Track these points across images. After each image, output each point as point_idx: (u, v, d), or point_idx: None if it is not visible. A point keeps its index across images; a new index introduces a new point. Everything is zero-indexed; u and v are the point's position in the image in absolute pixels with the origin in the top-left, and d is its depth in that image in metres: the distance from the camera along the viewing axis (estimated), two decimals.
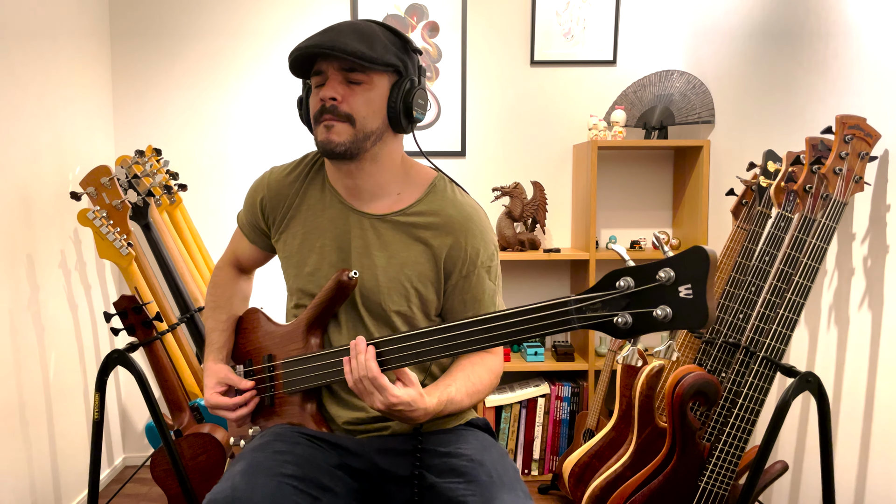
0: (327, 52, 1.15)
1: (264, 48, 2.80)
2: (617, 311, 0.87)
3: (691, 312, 0.81)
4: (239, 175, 2.84)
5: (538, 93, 2.88)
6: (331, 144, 1.19)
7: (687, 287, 0.81)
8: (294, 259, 1.31)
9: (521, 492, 1.14)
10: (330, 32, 1.18)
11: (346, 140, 1.19)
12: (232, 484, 1.07)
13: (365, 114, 1.20)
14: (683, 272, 0.82)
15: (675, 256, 0.83)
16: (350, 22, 1.21)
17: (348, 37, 1.16)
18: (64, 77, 2.41)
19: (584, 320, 0.90)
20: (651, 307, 0.84)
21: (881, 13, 1.73)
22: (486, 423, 1.36)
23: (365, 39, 1.18)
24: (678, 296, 0.82)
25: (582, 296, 0.90)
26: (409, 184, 1.30)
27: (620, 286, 0.86)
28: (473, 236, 1.26)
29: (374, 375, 1.07)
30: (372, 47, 1.17)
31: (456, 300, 1.28)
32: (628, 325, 0.86)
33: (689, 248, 0.82)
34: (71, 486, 2.42)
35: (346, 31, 1.18)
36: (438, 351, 1.06)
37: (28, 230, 2.17)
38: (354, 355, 1.10)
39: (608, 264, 2.91)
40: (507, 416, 2.71)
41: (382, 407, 1.08)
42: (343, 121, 1.19)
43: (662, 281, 0.83)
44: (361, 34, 1.18)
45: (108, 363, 1.86)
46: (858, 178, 1.70)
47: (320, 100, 1.20)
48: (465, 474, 1.16)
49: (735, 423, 1.73)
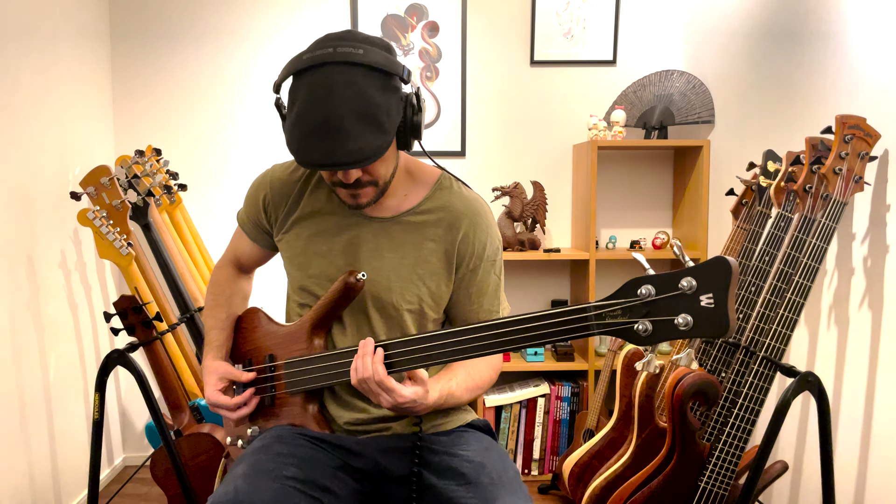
0: (348, 167, 1.07)
1: (264, 48, 2.80)
2: (637, 318, 0.87)
3: (712, 321, 0.82)
4: (239, 175, 2.84)
5: (538, 93, 2.88)
6: (360, 206, 1.21)
7: (708, 296, 0.82)
8: (298, 260, 1.31)
9: (521, 494, 1.14)
10: (334, 131, 1.04)
11: (373, 197, 1.21)
12: (234, 486, 1.07)
13: (385, 171, 1.19)
14: (705, 281, 0.83)
15: (698, 266, 0.84)
16: (344, 91, 1.05)
17: (356, 131, 1.05)
18: (64, 77, 2.40)
19: (603, 327, 0.90)
20: (672, 315, 0.85)
21: (881, 13, 1.73)
22: (486, 425, 1.36)
23: (372, 121, 1.06)
24: (699, 305, 0.83)
25: (602, 302, 0.90)
26: (415, 184, 1.30)
27: (642, 294, 0.87)
28: (481, 230, 1.28)
29: (380, 379, 1.07)
30: (381, 127, 1.07)
31: (461, 293, 1.30)
32: (648, 333, 0.87)
33: (712, 257, 0.83)
34: (71, 486, 2.42)
35: (351, 121, 1.04)
36: (450, 355, 1.06)
37: (28, 230, 2.17)
38: (361, 355, 1.10)
39: (608, 264, 2.91)
40: (507, 415, 2.71)
41: (388, 406, 1.08)
42: (367, 186, 1.18)
43: (684, 290, 0.84)
44: (366, 115, 1.06)
45: (108, 363, 1.86)
46: (858, 178, 1.70)
47: (339, 178, 1.15)
48: (465, 476, 1.17)
49: (735, 423, 1.73)
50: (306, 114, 1.06)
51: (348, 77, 1.06)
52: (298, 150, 1.08)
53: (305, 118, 1.06)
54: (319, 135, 1.05)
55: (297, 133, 1.07)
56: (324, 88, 1.05)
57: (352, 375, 1.10)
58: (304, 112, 1.07)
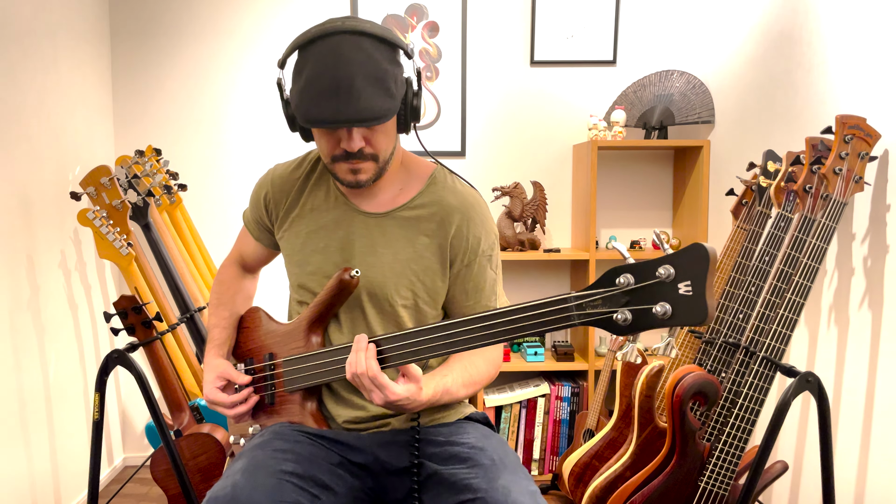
0: (357, 124, 1.09)
1: (264, 48, 2.80)
2: (617, 307, 0.86)
3: (691, 309, 0.81)
4: (239, 175, 2.84)
5: (538, 93, 2.88)
6: (359, 184, 1.20)
7: (686, 284, 0.81)
8: (296, 258, 1.31)
9: (522, 474, 1.14)
10: (345, 90, 1.07)
11: (372, 175, 1.20)
12: (233, 482, 1.07)
13: (386, 146, 1.19)
14: (683, 269, 0.82)
15: (675, 253, 0.83)
16: (354, 56, 1.08)
17: (366, 92, 1.07)
18: (64, 77, 2.41)
19: (584, 317, 0.90)
20: (650, 304, 0.84)
21: (881, 13, 1.73)
22: (485, 417, 1.36)
23: (381, 84, 1.09)
24: (678, 292, 0.82)
25: (582, 292, 0.90)
26: (410, 178, 1.30)
27: (620, 283, 0.86)
28: (475, 224, 1.27)
29: (373, 374, 1.07)
30: (389, 91, 1.10)
31: (457, 289, 1.29)
32: (628, 322, 0.86)
33: (689, 244, 0.82)
34: (71, 486, 2.42)
35: (361, 82, 1.07)
36: (439, 348, 1.06)
37: (28, 230, 2.17)
38: (356, 350, 1.10)
39: (608, 264, 2.91)
40: (507, 415, 2.71)
41: (381, 403, 1.08)
42: (368, 160, 1.18)
43: (662, 278, 0.82)
44: (375, 78, 1.08)
45: (108, 363, 1.86)
46: (858, 178, 1.70)
47: (342, 148, 1.16)
48: (467, 460, 1.17)
49: (735, 423, 1.73)
50: (316, 76, 1.08)
51: (357, 44, 1.09)
52: (308, 110, 1.10)
53: (315, 80, 1.08)
54: (329, 94, 1.07)
55: (307, 95, 1.10)
56: (333, 54, 1.08)
57: (347, 370, 1.11)
58: (313, 76, 1.09)
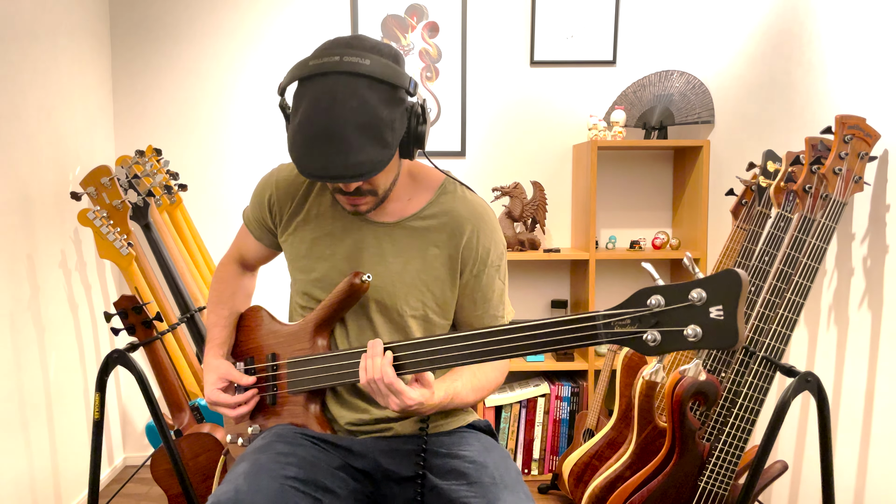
0: (347, 180, 1.07)
1: (265, 48, 2.80)
2: (646, 328, 0.88)
3: (721, 333, 0.83)
4: (239, 175, 2.84)
5: (538, 93, 2.88)
6: (360, 213, 1.23)
7: (718, 308, 0.83)
8: (301, 263, 1.31)
9: (523, 494, 1.14)
10: (337, 141, 1.03)
11: (373, 205, 1.21)
12: (235, 486, 1.07)
13: (385, 182, 1.19)
14: (715, 293, 0.83)
15: (708, 277, 0.84)
16: (348, 101, 1.03)
17: (358, 143, 1.04)
18: (64, 77, 2.40)
19: (612, 335, 0.91)
20: (681, 326, 0.85)
21: (881, 13, 1.73)
22: (487, 425, 1.36)
23: (374, 133, 1.05)
24: (709, 316, 0.84)
25: (611, 311, 0.91)
26: (418, 188, 1.29)
27: (651, 304, 0.87)
28: (485, 235, 1.27)
29: (389, 381, 1.07)
30: (383, 141, 1.06)
31: (466, 298, 1.29)
32: (657, 342, 0.87)
33: (722, 270, 0.84)
34: (71, 486, 2.42)
35: (353, 131, 1.03)
36: (458, 359, 1.06)
37: (28, 230, 2.17)
38: (371, 356, 1.10)
39: (608, 264, 2.92)
40: (507, 415, 2.71)
41: (396, 408, 1.08)
42: (367, 195, 1.18)
43: (694, 301, 0.84)
44: (369, 127, 1.04)
45: (108, 363, 1.85)
46: (858, 178, 1.71)
47: (338, 185, 1.14)
48: (467, 476, 1.17)
49: (735, 422, 1.73)
50: (308, 122, 1.05)
51: (353, 88, 1.04)
52: (299, 159, 1.07)
53: (307, 126, 1.05)
54: (320, 144, 1.04)
55: (299, 140, 1.07)
56: (327, 98, 1.04)
57: (361, 375, 1.10)
58: (306, 120, 1.06)
